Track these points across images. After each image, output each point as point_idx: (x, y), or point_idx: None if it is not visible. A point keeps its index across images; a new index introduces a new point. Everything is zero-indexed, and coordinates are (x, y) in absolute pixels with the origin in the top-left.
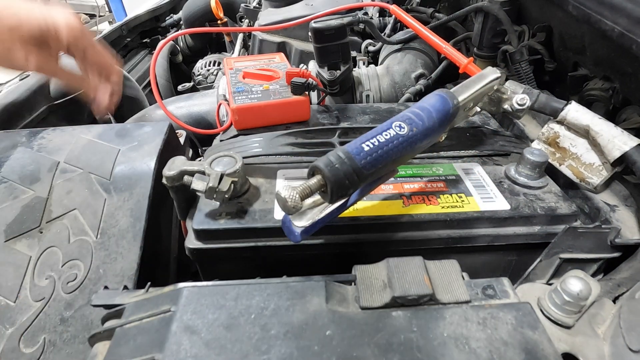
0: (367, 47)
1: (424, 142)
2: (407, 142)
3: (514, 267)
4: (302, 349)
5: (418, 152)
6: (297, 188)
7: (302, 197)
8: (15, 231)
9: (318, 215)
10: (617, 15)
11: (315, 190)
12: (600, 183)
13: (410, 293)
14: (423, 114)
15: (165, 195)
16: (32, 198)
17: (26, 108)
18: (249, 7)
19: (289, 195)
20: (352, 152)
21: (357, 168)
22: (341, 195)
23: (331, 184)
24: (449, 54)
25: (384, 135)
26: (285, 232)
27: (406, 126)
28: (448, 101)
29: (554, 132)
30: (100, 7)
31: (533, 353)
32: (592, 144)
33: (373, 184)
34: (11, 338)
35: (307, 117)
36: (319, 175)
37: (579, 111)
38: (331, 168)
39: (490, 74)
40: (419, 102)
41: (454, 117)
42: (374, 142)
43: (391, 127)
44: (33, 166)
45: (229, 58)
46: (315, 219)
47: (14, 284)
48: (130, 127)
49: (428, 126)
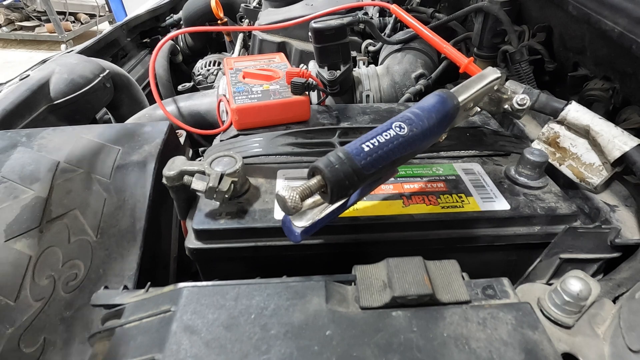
0: (367, 47)
1: (424, 142)
2: (407, 143)
3: (514, 267)
4: (302, 349)
5: (418, 153)
6: (297, 189)
7: (302, 197)
8: (15, 231)
9: (318, 216)
10: (617, 15)
11: (315, 190)
12: (600, 183)
13: (410, 293)
14: (423, 114)
15: (165, 195)
16: (32, 198)
17: (26, 108)
18: (249, 7)
19: (289, 196)
20: (352, 152)
21: (357, 169)
22: (341, 195)
23: (331, 185)
24: (449, 53)
25: (384, 136)
26: (285, 232)
27: (406, 127)
28: (448, 101)
29: (554, 132)
30: (101, 7)
31: (533, 353)
32: (592, 144)
33: (373, 184)
34: (11, 338)
35: (307, 117)
36: (319, 175)
37: (579, 111)
38: (331, 169)
39: (490, 74)
40: (419, 102)
41: (454, 118)
42: (374, 142)
43: (391, 128)
44: (33, 166)
45: (229, 58)
46: (315, 219)
47: (14, 284)
48: (131, 127)
49: (428, 126)
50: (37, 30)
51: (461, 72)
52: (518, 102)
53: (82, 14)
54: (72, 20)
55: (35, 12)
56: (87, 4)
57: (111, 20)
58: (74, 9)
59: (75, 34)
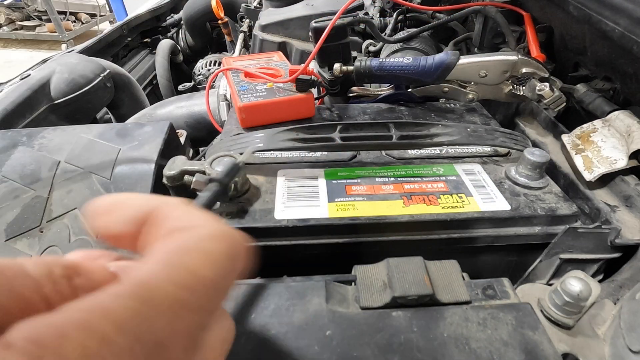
0: (367, 47)
1: (419, 74)
2: (407, 67)
3: (514, 267)
4: (302, 349)
5: (414, 83)
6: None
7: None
8: (15, 230)
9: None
10: (618, 15)
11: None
12: (596, 175)
13: (410, 293)
14: (427, 57)
15: (165, 195)
16: (33, 197)
17: (27, 107)
18: (250, 7)
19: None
20: (372, 60)
21: (370, 67)
22: (361, 80)
23: (356, 70)
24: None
25: (396, 59)
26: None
27: (411, 58)
28: (451, 56)
29: (593, 127)
30: (101, 6)
31: (533, 354)
32: (626, 134)
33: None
34: None
35: (312, 113)
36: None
37: (625, 113)
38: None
39: (506, 54)
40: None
41: (451, 69)
42: (389, 59)
43: (402, 57)
44: (34, 165)
45: (228, 57)
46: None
47: None
48: (131, 127)
49: (426, 65)
50: (37, 29)
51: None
52: (538, 89)
53: (83, 14)
54: (73, 20)
55: (36, 11)
56: (87, 3)
57: (112, 20)
58: (75, 9)
59: (76, 33)
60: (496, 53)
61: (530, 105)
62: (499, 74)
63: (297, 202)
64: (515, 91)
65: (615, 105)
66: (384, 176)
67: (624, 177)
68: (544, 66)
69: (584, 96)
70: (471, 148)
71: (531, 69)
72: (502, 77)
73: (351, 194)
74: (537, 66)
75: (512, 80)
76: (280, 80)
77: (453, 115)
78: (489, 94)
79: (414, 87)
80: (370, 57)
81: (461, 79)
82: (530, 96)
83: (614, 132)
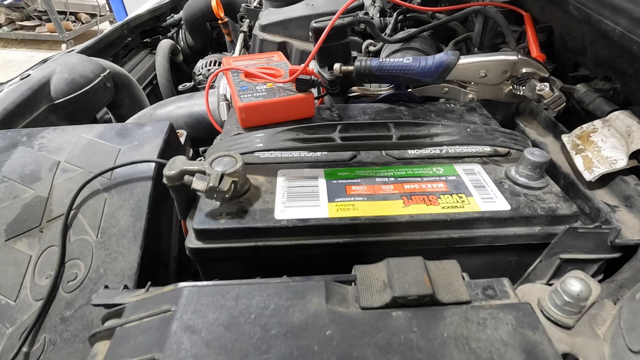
0: (367, 47)
1: (419, 74)
2: (406, 67)
3: (514, 267)
4: (302, 349)
5: (414, 83)
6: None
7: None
8: (15, 230)
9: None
10: (618, 15)
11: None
12: (596, 175)
13: (410, 293)
14: (427, 58)
15: (165, 195)
16: (33, 197)
17: (27, 107)
18: (250, 7)
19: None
20: (372, 60)
21: (370, 67)
22: (361, 80)
23: (356, 70)
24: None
25: (397, 57)
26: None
27: (411, 58)
28: (449, 55)
29: (593, 127)
30: (101, 6)
31: (533, 354)
32: (626, 134)
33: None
34: (11, 337)
35: (312, 113)
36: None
37: (625, 113)
38: (358, 63)
39: (506, 54)
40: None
41: (451, 69)
42: (388, 59)
43: (402, 58)
44: (34, 165)
45: (228, 57)
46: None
47: (15, 283)
48: (131, 127)
49: (425, 65)
50: (37, 29)
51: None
52: (538, 89)
53: (83, 14)
54: (73, 20)
55: (36, 11)
56: (87, 3)
57: (112, 19)
58: (75, 9)
59: (76, 33)
60: (496, 53)
61: (530, 105)
62: (499, 74)
63: (297, 202)
64: (515, 91)
65: (615, 105)
66: (384, 176)
67: (624, 177)
68: (544, 66)
69: (584, 96)
70: (471, 148)
71: (531, 69)
72: (502, 77)
73: (351, 194)
74: (537, 66)
75: (512, 80)
76: (280, 80)
77: (453, 115)
78: (489, 94)
79: (413, 87)
80: (370, 57)
81: (461, 79)
82: (530, 96)
83: (614, 132)
